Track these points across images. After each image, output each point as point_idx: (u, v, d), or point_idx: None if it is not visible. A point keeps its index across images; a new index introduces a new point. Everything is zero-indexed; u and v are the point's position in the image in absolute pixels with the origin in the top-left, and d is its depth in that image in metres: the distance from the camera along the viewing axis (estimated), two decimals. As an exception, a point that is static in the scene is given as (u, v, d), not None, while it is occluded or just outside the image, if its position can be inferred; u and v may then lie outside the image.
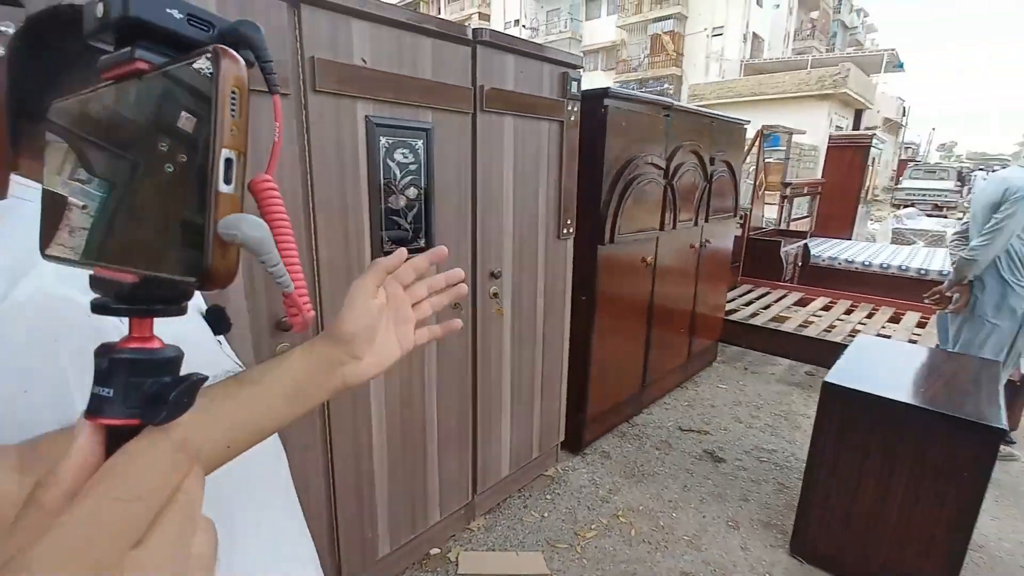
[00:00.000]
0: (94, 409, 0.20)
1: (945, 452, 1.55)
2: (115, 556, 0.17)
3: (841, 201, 6.63)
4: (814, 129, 10.35)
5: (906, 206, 11.74)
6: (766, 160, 6.59)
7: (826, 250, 5.50)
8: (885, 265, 4.95)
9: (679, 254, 2.95)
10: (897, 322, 3.88)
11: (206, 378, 0.21)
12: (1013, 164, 2.32)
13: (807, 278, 5.41)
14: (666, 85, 26.62)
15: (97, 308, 0.21)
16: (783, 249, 4.90)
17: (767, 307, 4.29)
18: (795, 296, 4.60)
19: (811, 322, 3.88)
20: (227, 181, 0.19)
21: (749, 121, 3.35)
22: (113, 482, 0.18)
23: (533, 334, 2.09)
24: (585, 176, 2.15)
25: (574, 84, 1.97)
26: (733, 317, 3.99)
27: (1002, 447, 2.63)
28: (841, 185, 6.57)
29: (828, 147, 6.66)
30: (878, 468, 1.68)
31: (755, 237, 5.04)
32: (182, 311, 0.22)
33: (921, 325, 3.75)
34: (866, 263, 5.07)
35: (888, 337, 3.51)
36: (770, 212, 6.04)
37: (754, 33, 25.18)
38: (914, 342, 3.33)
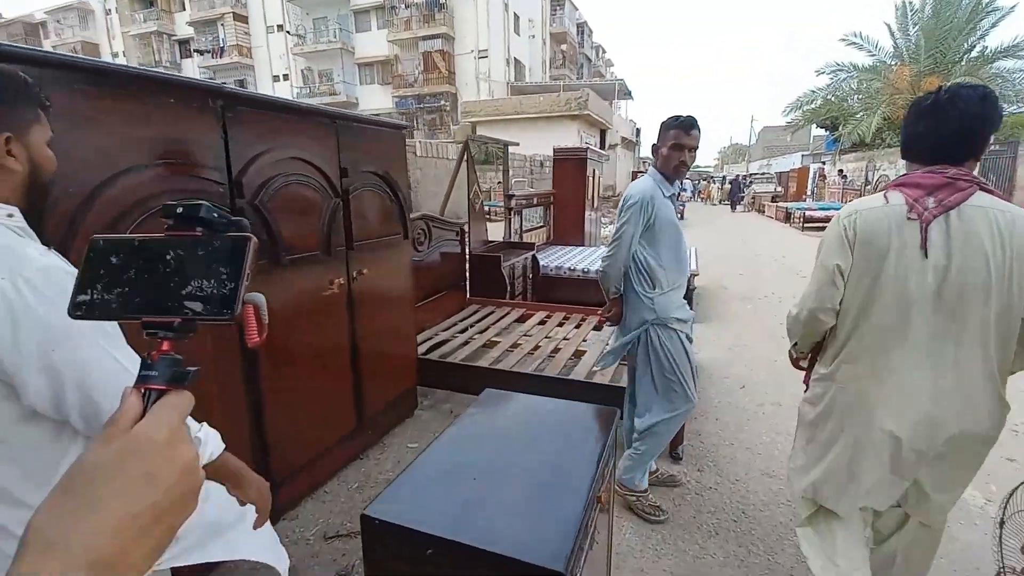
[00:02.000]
0: (143, 381, 0.37)
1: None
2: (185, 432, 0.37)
3: (572, 210, 6.96)
4: (567, 144, 11.16)
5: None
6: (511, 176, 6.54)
7: (555, 260, 5.53)
8: (599, 270, 5.11)
9: (305, 300, 2.18)
10: (600, 330, 3.85)
11: (199, 368, 0.40)
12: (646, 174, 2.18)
13: (540, 290, 5.36)
14: (443, 101, 27.12)
15: (150, 333, 0.38)
16: (504, 264, 4.67)
17: (484, 330, 3.92)
18: (518, 312, 4.37)
19: (519, 344, 3.59)
20: (247, 280, 0.39)
21: (407, 125, 2.82)
22: (173, 410, 0.36)
23: None
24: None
25: None
26: (445, 347, 3.48)
27: (661, 472, 2.43)
28: (569, 195, 6.87)
29: (553, 160, 6.91)
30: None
31: (477, 254, 4.73)
32: (186, 337, 0.39)
33: (618, 332, 3.75)
34: (585, 270, 5.18)
35: (583, 353, 3.38)
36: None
37: (516, 59, 27.39)
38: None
